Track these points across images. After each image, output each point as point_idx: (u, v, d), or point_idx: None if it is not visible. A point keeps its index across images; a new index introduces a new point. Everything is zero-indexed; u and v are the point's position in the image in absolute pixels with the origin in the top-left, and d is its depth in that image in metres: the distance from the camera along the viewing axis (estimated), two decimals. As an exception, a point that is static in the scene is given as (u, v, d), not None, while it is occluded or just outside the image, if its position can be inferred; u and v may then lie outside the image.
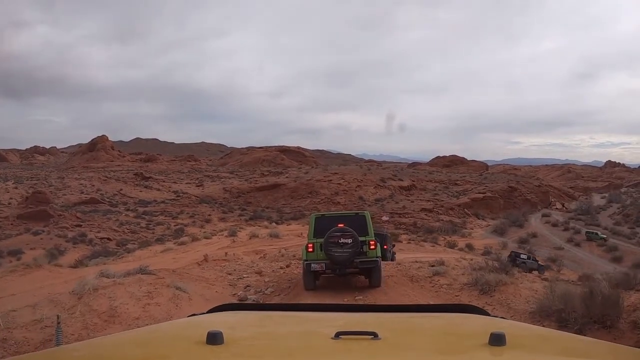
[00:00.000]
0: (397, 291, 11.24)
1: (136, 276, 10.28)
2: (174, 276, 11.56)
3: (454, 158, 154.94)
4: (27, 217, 65.29)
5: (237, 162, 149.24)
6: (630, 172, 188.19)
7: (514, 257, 34.22)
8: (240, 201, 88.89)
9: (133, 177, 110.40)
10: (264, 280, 13.27)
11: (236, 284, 12.31)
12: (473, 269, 12.61)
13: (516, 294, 10.19)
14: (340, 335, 1.54)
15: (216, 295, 10.46)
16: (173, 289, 9.31)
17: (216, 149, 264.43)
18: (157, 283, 9.77)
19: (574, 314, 8.01)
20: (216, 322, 1.99)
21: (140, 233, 60.92)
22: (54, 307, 7.75)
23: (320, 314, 2.30)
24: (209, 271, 14.58)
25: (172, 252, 29.72)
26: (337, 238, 11.58)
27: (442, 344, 1.72)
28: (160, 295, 8.87)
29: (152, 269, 12.42)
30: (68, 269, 15.90)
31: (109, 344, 1.72)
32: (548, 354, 1.59)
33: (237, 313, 2.28)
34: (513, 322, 2.49)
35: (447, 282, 11.71)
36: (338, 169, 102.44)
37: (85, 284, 8.47)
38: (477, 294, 10.47)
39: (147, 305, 8.28)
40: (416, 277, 12.50)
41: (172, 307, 8.44)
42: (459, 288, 11.14)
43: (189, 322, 2.06)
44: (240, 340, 1.64)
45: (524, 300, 9.80)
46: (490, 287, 10.54)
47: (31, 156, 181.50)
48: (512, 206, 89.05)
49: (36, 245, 50.77)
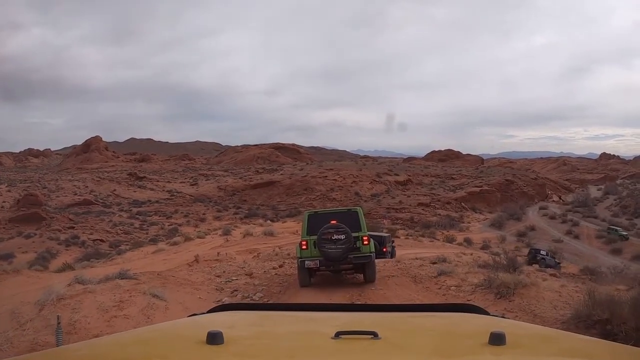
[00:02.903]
0: (399, 294, 10.34)
1: (113, 282, 9.44)
2: (156, 280, 10.71)
3: (449, 152, 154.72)
4: (19, 220, 64.28)
5: (232, 160, 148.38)
6: (625, 164, 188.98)
7: (534, 253, 34.01)
8: (235, 199, 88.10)
9: (127, 178, 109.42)
10: (253, 283, 12.46)
11: (223, 288, 11.47)
12: (478, 265, 11.75)
13: (539, 298, 8.82)
14: (341, 335, 1.54)
15: (198, 302, 9.57)
16: (149, 296, 8.38)
17: (211, 147, 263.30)
18: (135, 290, 8.90)
19: (624, 326, 6.72)
20: (216, 322, 1.97)
21: (133, 234, 60.07)
22: (11, 320, 6.94)
23: (321, 313, 2.30)
24: (197, 273, 13.79)
25: (163, 253, 28.97)
26: (330, 235, 11.62)
27: (442, 343, 1.71)
28: (132, 305, 7.96)
29: (133, 273, 11.64)
30: (48, 274, 15.07)
31: (109, 344, 1.73)
32: (548, 353, 1.59)
33: (237, 313, 2.26)
34: (513, 321, 2.47)
35: (454, 283, 10.69)
36: (333, 165, 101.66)
37: (50, 293, 7.70)
38: (493, 298, 9.16)
39: (113, 318, 7.36)
40: (419, 277, 11.64)
41: (142, 319, 7.45)
42: (470, 290, 9.97)
43: (189, 322, 2.07)
44: (240, 340, 1.63)
45: (550, 305, 8.52)
46: (508, 289, 9.07)
47: (25, 159, 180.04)
48: (509, 199, 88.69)
49: (28, 249, 49.98)
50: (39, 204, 70.73)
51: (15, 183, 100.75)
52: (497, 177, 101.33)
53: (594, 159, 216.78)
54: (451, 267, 12.15)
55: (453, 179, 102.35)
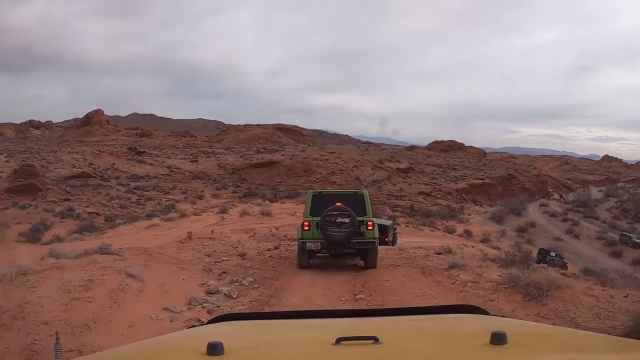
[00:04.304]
0: (407, 287, 9.35)
1: (91, 257, 8.57)
2: (140, 257, 9.80)
3: (452, 143, 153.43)
4: (15, 191, 63.40)
5: (234, 139, 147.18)
6: (627, 168, 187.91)
7: (544, 254, 33.46)
8: (234, 178, 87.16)
9: (126, 152, 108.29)
10: (245, 265, 11.57)
11: (212, 269, 10.56)
12: (489, 259, 10.78)
13: (576, 302, 7.54)
14: (341, 341, 1.54)
15: (181, 284, 8.65)
16: (123, 276, 7.45)
17: (213, 125, 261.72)
18: (111, 267, 7.96)
19: None
20: (216, 333, 1.96)
21: (130, 208, 59.19)
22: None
23: (321, 320, 2.31)
24: (187, 251, 12.95)
25: (156, 228, 28.20)
26: (334, 217, 11.26)
27: (443, 345, 1.71)
28: (101, 285, 7.00)
29: (118, 249, 10.79)
30: (31, 246, 14.22)
31: (109, 358, 1.74)
32: (550, 351, 1.60)
33: (237, 323, 2.25)
34: (514, 320, 2.46)
35: (470, 278, 9.54)
36: (335, 149, 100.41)
37: (11, 268, 6.82)
38: (522, 300, 7.97)
39: (73, 300, 6.33)
40: (428, 269, 10.66)
41: (108, 304, 6.49)
42: (490, 288, 8.69)
43: (189, 333, 2.08)
44: (240, 350, 1.63)
45: (591, 312, 7.24)
46: (539, 290, 7.75)
47: (26, 130, 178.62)
48: (510, 194, 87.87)
49: (23, 220, 49.17)
50: (35, 174, 69.71)
51: (14, 154, 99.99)
52: (499, 170, 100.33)
53: (596, 161, 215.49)
54: (463, 259, 11.20)
55: (455, 170, 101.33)
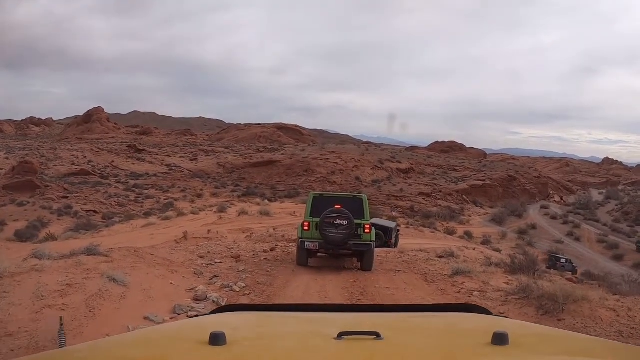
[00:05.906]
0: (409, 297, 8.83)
1: (76, 258, 8.15)
2: (129, 258, 9.38)
3: (452, 144, 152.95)
4: (13, 188, 62.87)
5: (234, 138, 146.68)
6: (627, 171, 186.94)
7: (554, 260, 32.94)
8: (234, 177, 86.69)
9: (126, 150, 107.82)
10: (238, 268, 11.11)
11: (203, 272, 10.09)
12: (493, 264, 10.30)
13: (595, 318, 6.88)
14: (343, 336, 1.55)
15: (168, 289, 8.15)
16: (105, 280, 7.02)
17: (214, 124, 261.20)
18: (96, 270, 7.51)
19: None
20: (219, 323, 1.96)
21: (128, 206, 58.74)
22: None
23: (323, 314, 2.31)
24: (179, 252, 12.51)
25: (153, 227, 27.81)
26: (332, 219, 11.62)
27: (445, 343, 1.71)
28: (80, 291, 6.52)
29: (108, 249, 10.37)
30: (20, 245, 13.79)
31: (111, 345, 1.74)
32: (551, 353, 1.59)
33: (240, 314, 2.25)
34: (516, 321, 2.46)
35: (476, 286, 9.03)
36: (335, 148, 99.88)
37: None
38: (535, 314, 7.27)
39: (45, 308, 5.85)
40: (431, 275, 10.26)
41: (82, 312, 5.97)
42: (500, 299, 8.04)
43: (192, 323, 2.08)
44: (242, 341, 1.63)
45: (612, 328, 6.59)
46: (555, 303, 7.04)
47: (26, 127, 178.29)
48: (511, 196, 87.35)
49: (20, 217, 48.74)
50: (34, 171, 69.23)
51: (14, 151, 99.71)
52: (499, 172, 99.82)
53: (597, 163, 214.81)
54: (466, 265, 10.73)
55: (455, 171, 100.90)
